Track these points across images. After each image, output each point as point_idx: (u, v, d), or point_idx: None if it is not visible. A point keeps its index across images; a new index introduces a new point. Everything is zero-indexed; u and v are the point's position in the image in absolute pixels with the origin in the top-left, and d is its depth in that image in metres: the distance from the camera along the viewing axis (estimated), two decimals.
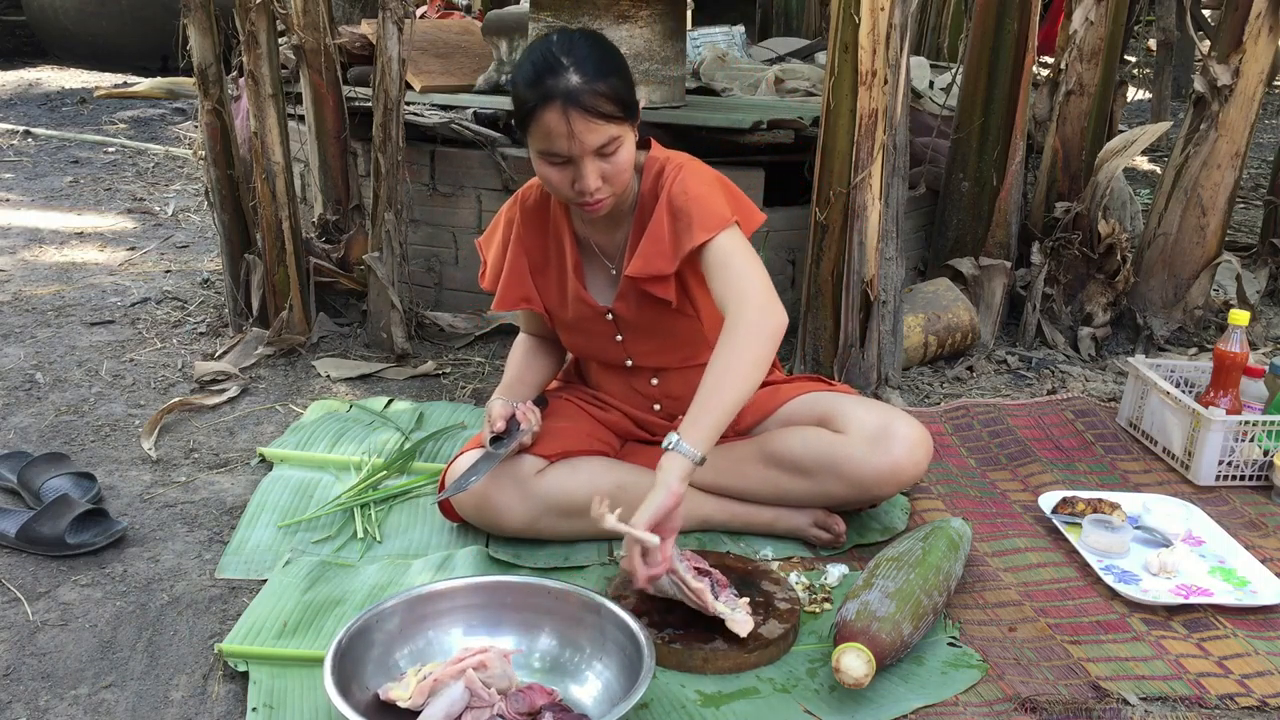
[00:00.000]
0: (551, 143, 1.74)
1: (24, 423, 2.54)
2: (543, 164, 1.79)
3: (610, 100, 1.73)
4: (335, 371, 2.88)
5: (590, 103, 1.71)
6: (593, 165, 1.76)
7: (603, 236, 1.99)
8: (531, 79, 1.74)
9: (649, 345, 2.03)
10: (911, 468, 1.97)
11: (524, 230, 2.01)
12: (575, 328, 2.05)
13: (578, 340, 2.09)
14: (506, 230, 2.02)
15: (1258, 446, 2.35)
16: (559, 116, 1.71)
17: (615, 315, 1.99)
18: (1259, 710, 1.63)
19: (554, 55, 1.73)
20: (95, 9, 8.29)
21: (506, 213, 2.03)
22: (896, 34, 2.57)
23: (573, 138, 1.72)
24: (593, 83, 1.71)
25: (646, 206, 1.92)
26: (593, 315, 2.00)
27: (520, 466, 1.96)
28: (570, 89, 1.70)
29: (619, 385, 2.12)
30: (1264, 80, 3.09)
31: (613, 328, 2.01)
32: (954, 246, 3.35)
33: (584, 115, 1.71)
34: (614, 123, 1.74)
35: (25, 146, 5.83)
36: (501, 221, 2.04)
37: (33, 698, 1.61)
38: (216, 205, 3.09)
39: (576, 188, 1.78)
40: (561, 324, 2.07)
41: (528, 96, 1.74)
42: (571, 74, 1.71)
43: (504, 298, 2.02)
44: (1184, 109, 3.28)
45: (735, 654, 1.68)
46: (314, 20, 3.07)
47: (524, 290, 2.02)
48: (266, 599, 1.82)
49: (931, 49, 5.86)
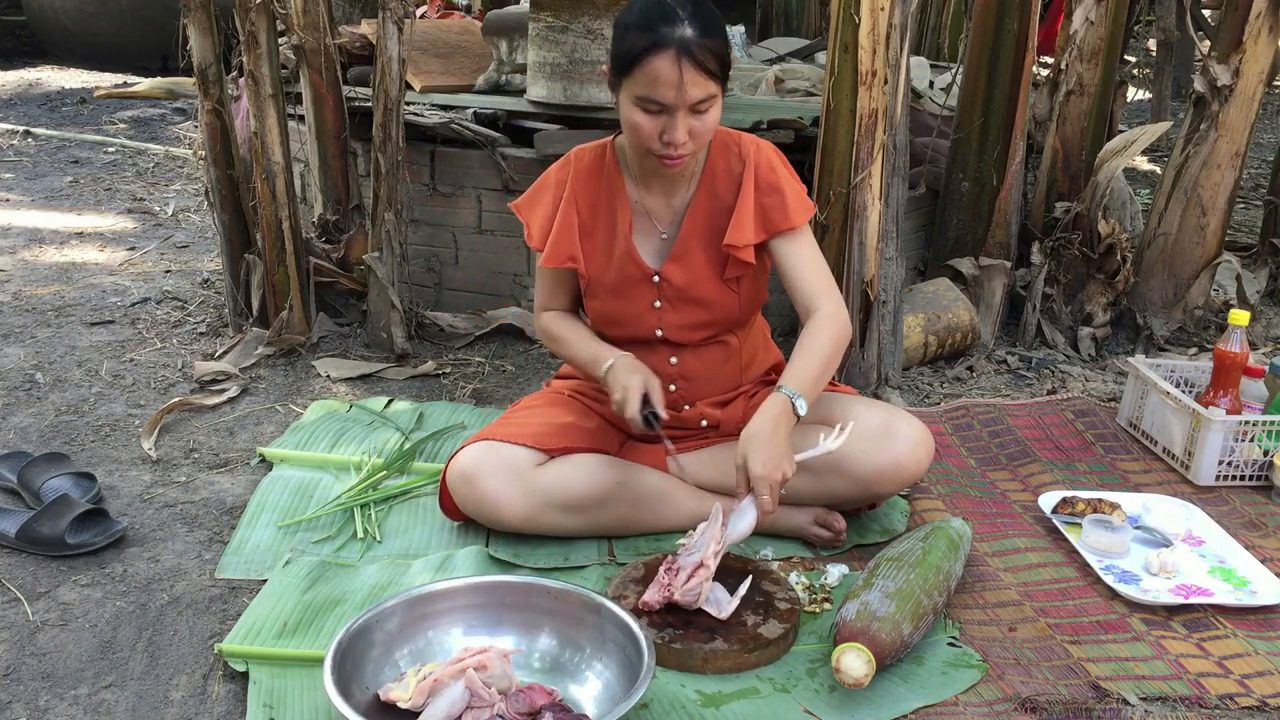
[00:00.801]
0: (655, 89, 1.76)
1: (24, 423, 2.55)
2: (636, 110, 1.80)
3: (717, 59, 1.77)
4: (335, 371, 2.88)
5: (701, 56, 1.74)
6: (685, 119, 1.79)
7: (658, 200, 2.00)
8: (644, 23, 1.76)
9: (684, 316, 2.02)
10: (913, 466, 1.98)
11: (577, 189, 2.00)
12: (615, 291, 2.02)
13: (612, 306, 2.04)
14: (557, 190, 2.01)
15: (1258, 446, 2.35)
16: (671, 64, 1.73)
17: (662, 278, 1.99)
18: (1259, 710, 1.63)
19: (670, 4, 1.76)
20: (95, 9, 8.28)
21: (556, 173, 2.03)
22: (896, 34, 2.57)
23: (679, 88, 1.75)
24: (705, 38, 1.75)
25: (717, 175, 1.97)
26: (639, 278, 2.00)
27: (521, 460, 1.96)
28: (686, 38, 1.73)
29: None
30: (1264, 80, 3.09)
31: (655, 293, 2.01)
32: (954, 246, 3.35)
33: (695, 67, 1.74)
34: (715, 81, 1.78)
35: (25, 146, 5.83)
36: (552, 182, 2.03)
37: (33, 698, 1.61)
38: (216, 205, 3.09)
39: (665, 138, 1.80)
40: (599, 289, 2.03)
41: (637, 40, 1.76)
42: (687, 25, 1.74)
43: (552, 254, 1.99)
44: (1184, 109, 3.28)
45: (735, 654, 1.68)
46: (314, 20, 3.07)
47: (571, 249, 1.99)
48: (266, 599, 1.82)
49: (931, 49, 5.86)
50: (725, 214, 1.97)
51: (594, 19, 3.08)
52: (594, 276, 2.02)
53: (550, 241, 2.00)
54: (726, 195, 1.97)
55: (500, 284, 3.25)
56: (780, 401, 1.82)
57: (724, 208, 1.97)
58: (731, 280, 1.99)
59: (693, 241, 1.98)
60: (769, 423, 1.78)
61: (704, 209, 1.98)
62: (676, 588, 1.73)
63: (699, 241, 1.98)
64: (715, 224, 1.98)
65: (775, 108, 3.46)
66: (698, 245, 1.98)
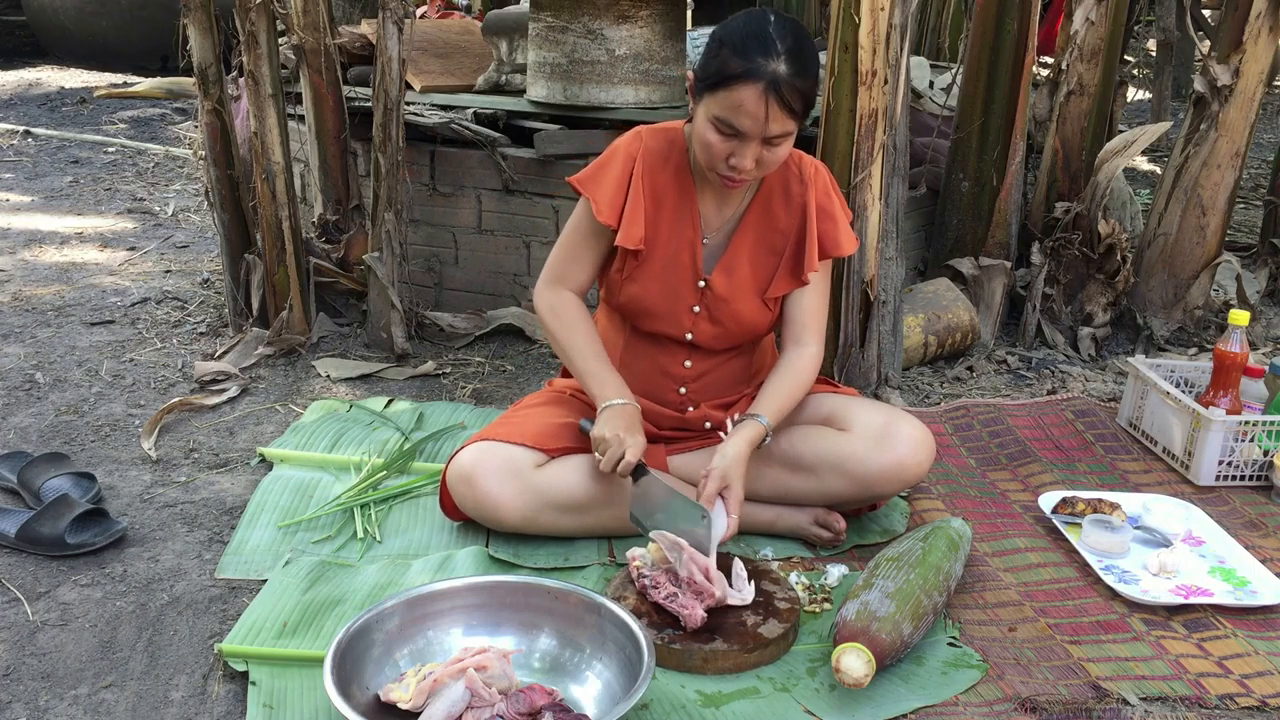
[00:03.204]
0: (736, 116, 1.76)
1: (24, 423, 2.54)
2: (711, 129, 1.80)
3: (804, 99, 1.77)
4: (335, 371, 2.88)
5: (789, 95, 1.74)
6: (757, 148, 1.79)
7: (710, 204, 1.99)
8: (741, 48, 1.75)
9: (718, 326, 2.01)
10: (914, 466, 1.98)
11: (647, 168, 1.96)
12: (660, 284, 1.98)
13: (652, 299, 1.99)
14: (626, 165, 1.96)
15: (1258, 446, 2.35)
16: (758, 98, 1.73)
17: (708, 284, 1.99)
18: (1259, 710, 1.63)
19: (772, 36, 1.75)
20: (95, 9, 8.28)
21: (626, 148, 1.97)
22: (896, 34, 2.57)
23: (761, 122, 1.75)
24: (798, 78, 1.74)
25: (773, 193, 1.98)
26: (688, 278, 1.98)
27: (520, 461, 1.96)
28: (779, 75, 1.73)
29: (648, 362, 2.07)
30: (1264, 80, 3.09)
31: (697, 297, 2.00)
32: (954, 246, 3.35)
33: (780, 105, 1.74)
34: (796, 120, 1.78)
35: (25, 146, 5.83)
36: (620, 156, 1.97)
37: (33, 698, 1.61)
38: (216, 205, 3.09)
39: (732, 162, 1.80)
40: (645, 278, 1.98)
41: (733, 65, 1.75)
42: (783, 61, 1.73)
43: (629, 234, 1.94)
44: (1184, 109, 3.28)
45: (735, 654, 1.68)
46: (314, 20, 3.07)
47: (640, 230, 1.94)
48: (266, 599, 1.82)
49: (931, 49, 5.86)
50: (776, 233, 1.98)
51: (594, 19, 3.08)
52: (645, 263, 1.98)
53: (625, 220, 1.93)
54: (781, 214, 1.98)
55: (500, 284, 3.25)
56: (757, 430, 1.89)
57: (777, 226, 1.98)
58: (770, 301, 2.00)
59: (742, 254, 1.99)
60: (747, 449, 1.86)
61: (756, 224, 1.99)
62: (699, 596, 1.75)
63: (747, 255, 1.99)
64: (765, 241, 1.98)
65: None
66: (745, 259, 1.99)
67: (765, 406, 1.92)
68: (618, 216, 1.94)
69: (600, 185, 1.96)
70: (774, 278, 1.99)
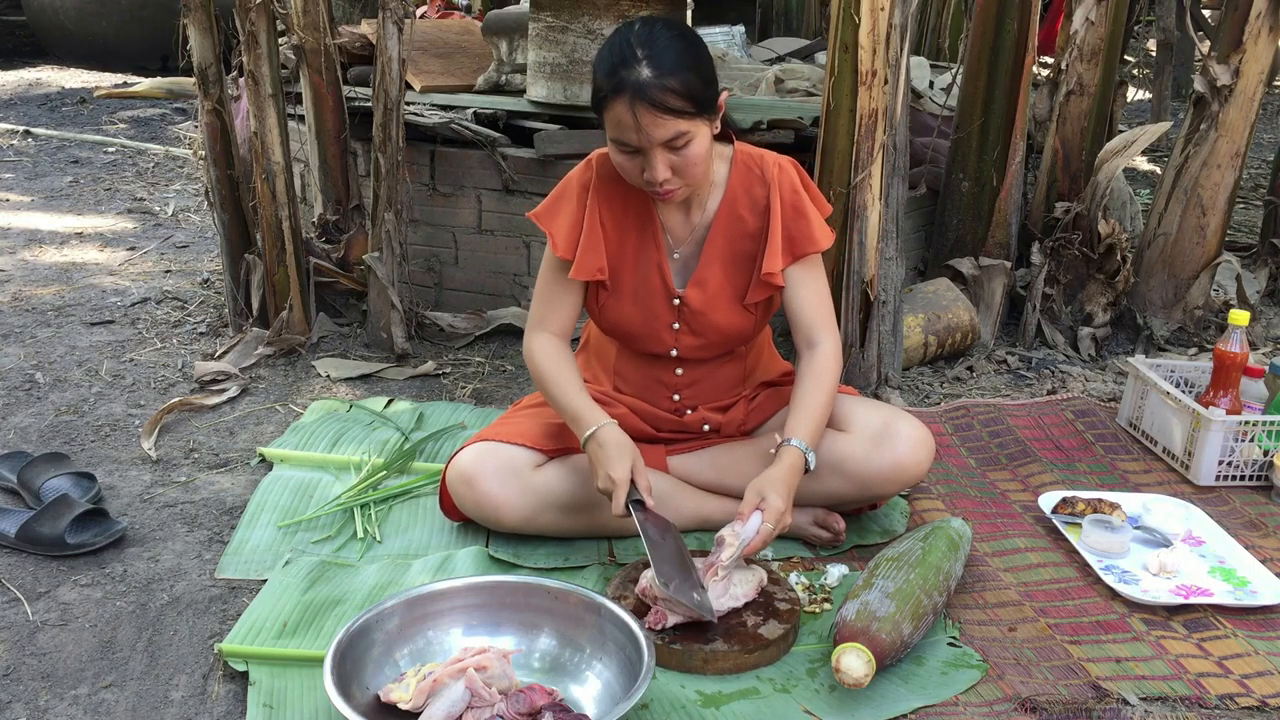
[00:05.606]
0: (620, 132, 1.76)
1: (24, 423, 2.54)
2: (614, 151, 1.81)
3: (680, 96, 1.73)
4: (335, 371, 2.88)
5: (658, 98, 1.71)
6: (662, 157, 1.77)
7: (676, 217, 1.98)
8: (605, 68, 1.75)
9: (700, 338, 2.00)
10: (914, 467, 1.98)
11: (600, 197, 1.96)
12: (635, 308, 1.98)
13: (631, 323, 2.00)
14: (581, 195, 1.96)
15: (1258, 446, 2.35)
16: (626, 109, 1.72)
17: (682, 301, 1.98)
18: (1259, 710, 1.63)
19: (630, 46, 1.74)
20: (95, 9, 8.28)
21: (578, 178, 1.97)
22: (896, 34, 2.57)
23: (639, 130, 1.74)
24: (664, 77, 1.72)
25: (738, 197, 1.95)
26: (661, 298, 1.97)
27: (520, 461, 1.96)
28: (639, 83, 1.71)
29: (640, 373, 2.08)
30: (1264, 80, 3.09)
31: (674, 314, 1.99)
32: (954, 246, 3.35)
33: (651, 110, 1.72)
34: (683, 118, 1.75)
35: (25, 146, 5.83)
36: (574, 187, 1.96)
37: (33, 698, 1.61)
38: (216, 205, 3.09)
39: (646, 177, 1.80)
40: (618, 304, 1.99)
41: (601, 85, 1.76)
42: (644, 67, 1.72)
43: (582, 265, 1.93)
44: (1184, 109, 3.28)
45: (735, 654, 1.68)
46: (314, 20, 3.07)
47: (600, 260, 1.95)
48: (266, 599, 1.82)
49: (931, 49, 5.86)
50: (746, 238, 1.96)
51: (594, 19, 3.08)
52: (615, 291, 1.98)
53: (580, 253, 1.93)
54: (749, 218, 1.96)
55: (500, 284, 3.25)
56: (795, 456, 1.84)
57: (745, 231, 1.96)
58: (750, 306, 1.99)
59: (714, 265, 1.97)
60: (787, 474, 1.81)
61: (724, 231, 1.97)
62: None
63: (720, 265, 1.97)
64: (736, 248, 1.97)
65: (775, 108, 3.46)
66: (719, 269, 1.97)
67: (797, 428, 1.86)
68: (574, 249, 1.94)
69: (556, 218, 1.97)
70: (750, 284, 1.96)
